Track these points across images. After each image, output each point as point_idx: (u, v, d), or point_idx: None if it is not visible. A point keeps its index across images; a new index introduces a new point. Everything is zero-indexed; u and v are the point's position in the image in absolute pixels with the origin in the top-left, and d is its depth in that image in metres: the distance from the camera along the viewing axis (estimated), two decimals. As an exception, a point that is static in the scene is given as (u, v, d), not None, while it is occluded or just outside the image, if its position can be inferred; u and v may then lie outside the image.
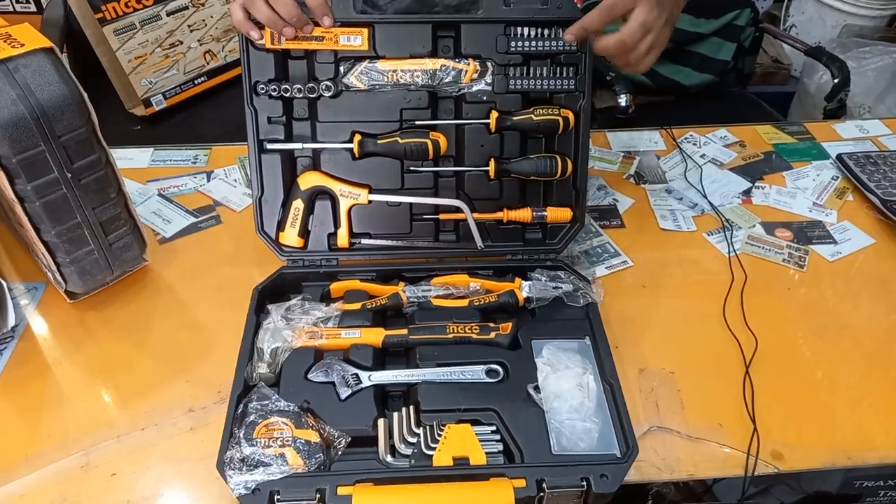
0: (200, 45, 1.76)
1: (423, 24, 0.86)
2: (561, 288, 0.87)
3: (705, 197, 1.11)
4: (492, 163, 0.91)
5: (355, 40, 0.85)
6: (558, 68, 0.89)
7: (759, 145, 1.23)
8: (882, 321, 0.92)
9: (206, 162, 1.16)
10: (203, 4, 1.75)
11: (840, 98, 1.77)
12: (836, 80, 1.73)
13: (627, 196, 1.12)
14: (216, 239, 1.02)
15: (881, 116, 1.41)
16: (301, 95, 0.87)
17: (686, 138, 1.24)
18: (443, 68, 0.88)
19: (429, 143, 0.88)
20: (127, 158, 1.17)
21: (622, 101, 1.62)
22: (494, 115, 0.89)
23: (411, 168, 0.91)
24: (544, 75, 0.89)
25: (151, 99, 1.71)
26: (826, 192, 1.13)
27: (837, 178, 1.16)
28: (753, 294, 0.94)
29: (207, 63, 1.78)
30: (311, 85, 0.87)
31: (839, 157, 1.17)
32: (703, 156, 1.20)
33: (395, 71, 0.88)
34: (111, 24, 1.64)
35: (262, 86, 0.86)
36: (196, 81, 1.77)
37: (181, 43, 1.74)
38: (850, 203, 1.11)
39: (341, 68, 0.88)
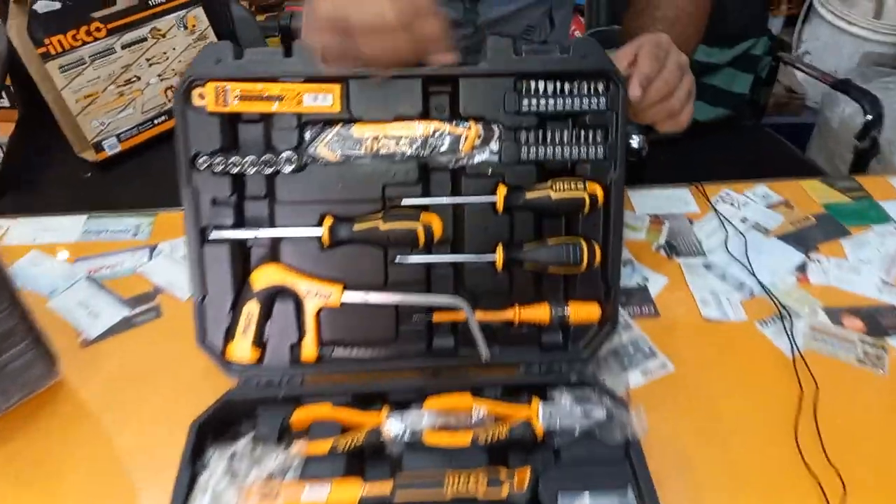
0: (161, 80, 1.57)
1: (410, 78, 0.67)
2: (591, 417, 0.67)
3: (753, 275, 0.92)
4: (499, 250, 0.71)
5: (324, 100, 0.66)
6: (582, 132, 0.70)
7: (808, 205, 1.05)
8: None
9: (148, 234, 0.96)
10: (164, 35, 1.56)
11: (873, 136, 1.60)
12: (868, 117, 1.56)
13: (659, 273, 0.93)
14: (154, 339, 0.82)
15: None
16: (255, 170, 0.67)
17: (722, 197, 1.06)
18: (436, 134, 0.69)
19: (419, 227, 0.69)
20: (53, 230, 0.97)
21: (634, 142, 1.43)
22: (502, 191, 0.70)
23: (397, 258, 0.71)
24: (565, 141, 0.70)
25: (103, 143, 1.51)
26: (895, 266, 0.95)
27: (906, 247, 0.97)
28: (829, 410, 0.75)
29: (169, 100, 1.58)
30: (267, 157, 0.67)
31: (906, 222, 0.99)
32: (744, 220, 1.02)
33: (375, 138, 0.69)
34: (56, 60, 1.44)
35: (204, 158, 0.67)
36: (156, 121, 1.58)
37: (138, 79, 1.54)
38: (926, 280, 0.93)
39: (307, 135, 0.68)
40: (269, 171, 0.67)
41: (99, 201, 1.45)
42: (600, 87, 0.69)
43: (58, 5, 1.45)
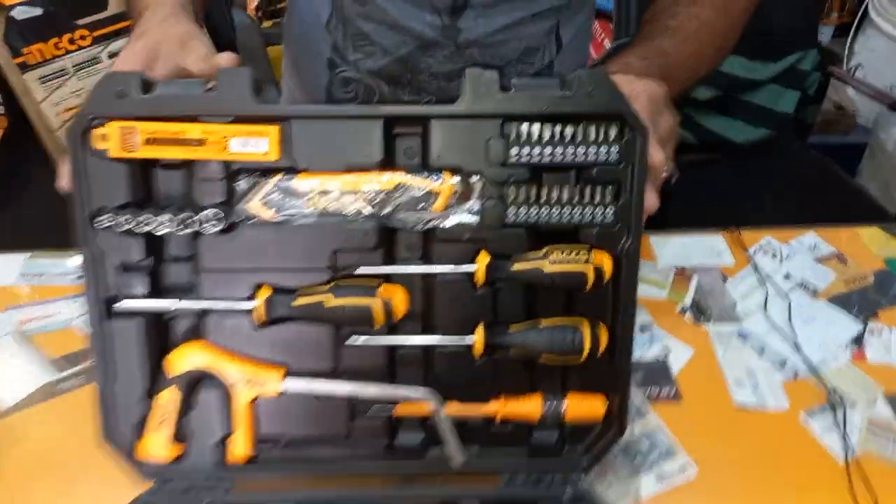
0: (149, 90, 1.46)
1: (368, 119, 0.53)
2: (588, 555, 0.53)
3: (798, 349, 0.77)
4: (479, 333, 0.57)
5: (256, 145, 0.53)
6: (588, 189, 0.55)
7: (865, 259, 0.88)
8: None
9: (91, 277, 0.84)
10: (153, 41, 1.44)
11: (936, 164, 1.42)
12: (931, 143, 1.38)
13: (684, 342, 0.78)
14: (75, 413, 0.69)
15: None
16: (173, 229, 0.54)
17: (762, 247, 0.90)
18: (401, 188, 0.55)
19: (376, 303, 0.55)
20: (-15, 271, 0.85)
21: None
22: (484, 259, 0.56)
23: (350, 339, 0.57)
24: (565, 200, 0.55)
25: (84, 158, 1.41)
26: (975, 343, 0.78)
27: None
28: (894, 542, 0.60)
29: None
30: (187, 214, 0.54)
31: None
32: (788, 276, 0.86)
33: (323, 192, 0.55)
34: (35, 70, 1.34)
35: (107, 216, 0.54)
36: (142, 134, 1.47)
37: (125, 89, 1.43)
38: None
39: (238, 186, 0.55)
40: (188, 231, 0.54)
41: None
42: (612, 133, 0.54)
43: (39, 11, 1.34)
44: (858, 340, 0.78)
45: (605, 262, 0.56)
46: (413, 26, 0.75)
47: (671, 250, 0.88)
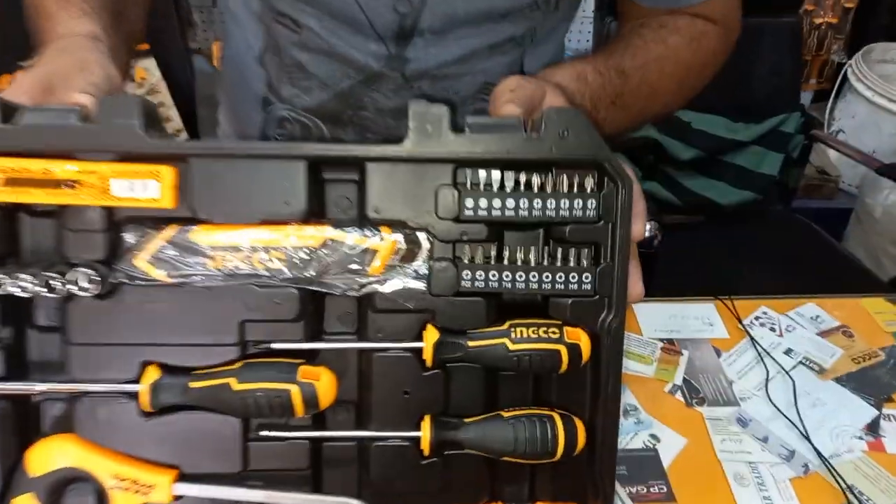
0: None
1: (289, 159, 0.44)
2: None
3: (807, 438, 0.66)
4: (426, 425, 0.46)
5: (147, 189, 0.42)
6: (560, 251, 0.45)
7: (873, 333, 0.79)
8: None
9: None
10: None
11: (929, 231, 1.35)
12: (923, 209, 1.31)
13: (674, 430, 0.67)
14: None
15: None
16: (38, 290, 0.43)
17: (758, 318, 0.80)
18: (331, 245, 0.45)
19: (297, 388, 0.44)
20: None
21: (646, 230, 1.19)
22: (432, 336, 0.45)
23: (262, 431, 0.46)
24: (531, 264, 0.46)
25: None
26: None
27: None
28: None
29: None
30: (56, 272, 0.43)
31: None
32: (789, 352, 0.76)
33: (231, 249, 0.45)
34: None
35: (-47, 272, 0.43)
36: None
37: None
38: None
39: (123, 239, 0.44)
40: (58, 294, 0.43)
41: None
42: (588, 184, 0.44)
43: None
44: (874, 428, 0.68)
45: (582, 339, 0.45)
46: (355, 56, 0.65)
47: (657, 320, 0.78)
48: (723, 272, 1.27)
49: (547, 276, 0.45)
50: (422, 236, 0.45)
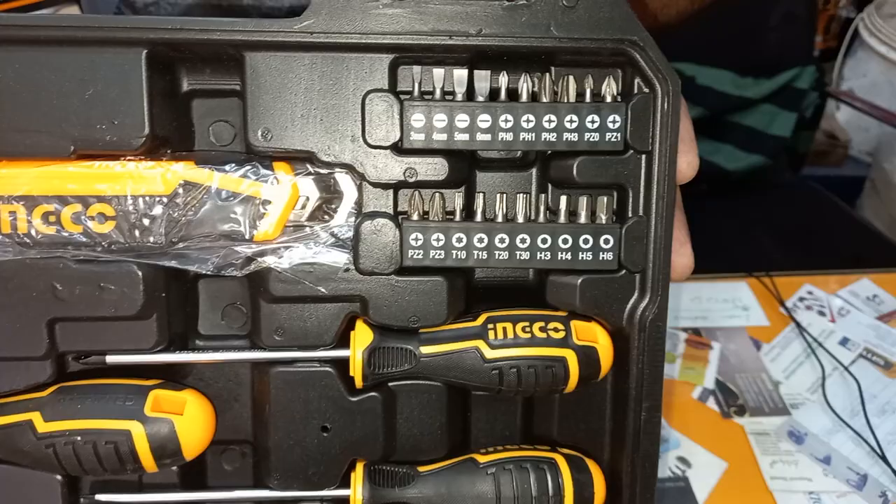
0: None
1: (117, 45, 0.26)
2: None
3: (882, 456, 0.50)
4: (356, 479, 0.29)
5: None
6: (563, 198, 0.29)
7: (945, 316, 0.64)
8: None
9: None
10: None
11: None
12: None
13: (709, 451, 0.50)
14: None
15: None
16: None
17: (803, 299, 0.64)
18: (192, 193, 0.28)
19: (137, 430, 0.27)
20: None
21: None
22: (363, 338, 0.28)
23: (98, 495, 0.29)
24: (520, 220, 0.29)
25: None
26: None
27: None
28: None
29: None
30: None
31: None
32: (845, 342, 0.60)
33: (24, 203, 0.28)
34: None
35: None
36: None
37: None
38: None
39: None
40: None
41: None
42: (609, 90, 0.27)
43: None
44: (964, 440, 0.53)
45: (600, 340, 0.29)
46: None
47: (678, 304, 0.62)
48: (739, 244, 1.12)
49: (543, 241, 0.28)
50: (342, 178, 0.28)
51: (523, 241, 0.28)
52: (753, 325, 0.61)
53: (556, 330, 0.28)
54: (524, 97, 0.27)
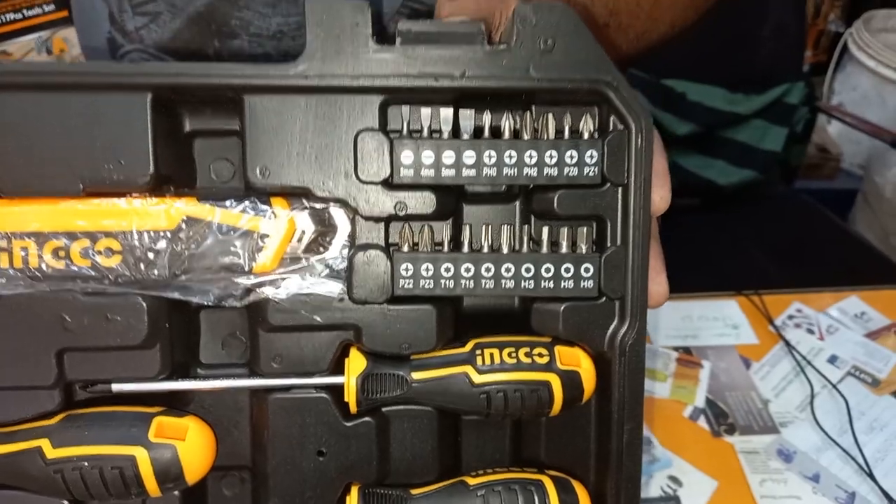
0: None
1: (123, 90, 0.27)
2: None
3: (869, 474, 0.51)
4: (350, 499, 0.31)
5: None
6: (545, 228, 0.30)
7: (932, 333, 0.65)
8: None
9: None
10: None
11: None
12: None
13: (700, 470, 0.51)
14: None
15: None
16: None
17: (792, 317, 0.66)
18: (194, 228, 0.30)
19: (142, 455, 0.28)
20: None
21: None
22: (357, 365, 0.30)
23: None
24: (504, 250, 0.30)
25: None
26: None
27: None
28: None
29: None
30: None
31: None
32: (834, 360, 0.61)
33: (34, 238, 0.29)
34: None
35: None
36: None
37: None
38: None
39: None
40: None
41: None
42: (586, 127, 0.29)
43: None
44: (951, 457, 0.54)
45: (583, 364, 0.30)
46: None
47: (669, 323, 0.63)
48: (730, 260, 1.13)
49: (527, 270, 0.29)
50: (336, 212, 0.30)
51: (508, 270, 0.29)
52: (743, 343, 0.62)
53: (540, 355, 0.30)
54: (507, 134, 0.29)
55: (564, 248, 0.30)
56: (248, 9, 0.48)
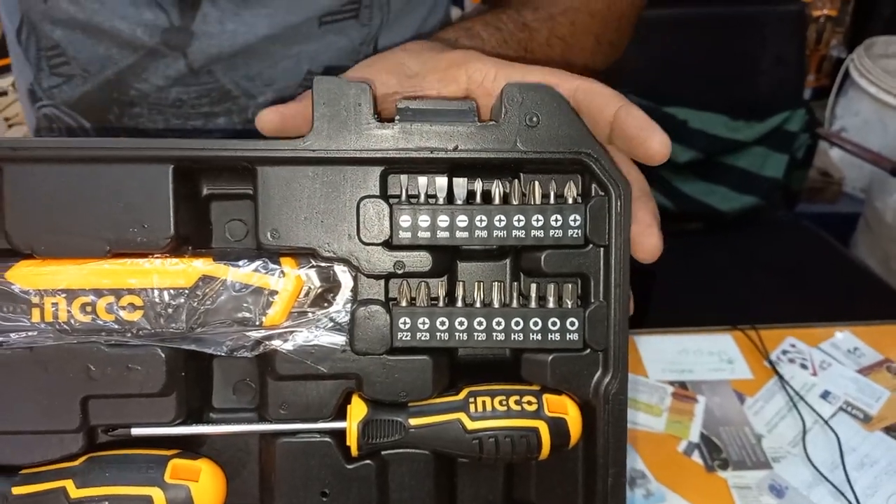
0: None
1: (146, 162, 0.30)
2: None
3: (859, 510, 0.53)
4: (353, 538, 0.33)
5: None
6: (533, 285, 0.32)
7: (923, 368, 0.66)
8: None
9: None
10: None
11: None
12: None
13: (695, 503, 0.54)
14: None
15: None
16: None
17: (785, 352, 0.67)
18: (210, 286, 0.32)
19: (158, 495, 0.30)
20: None
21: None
22: (358, 412, 0.32)
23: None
24: (495, 305, 0.32)
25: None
26: None
27: None
28: None
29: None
30: None
31: None
32: (826, 395, 0.62)
33: (63, 295, 0.31)
34: None
35: None
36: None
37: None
38: None
39: None
40: None
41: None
42: (570, 193, 0.31)
43: None
44: (940, 492, 0.55)
45: (570, 412, 0.32)
46: (121, 29, 0.49)
47: (664, 357, 0.65)
48: (728, 288, 1.14)
49: (517, 323, 0.32)
50: (340, 270, 0.32)
51: (499, 323, 0.32)
52: (738, 378, 0.64)
53: (529, 403, 0.32)
54: (496, 200, 0.31)
55: (551, 304, 0.32)
56: (147, 82, 0.50)
